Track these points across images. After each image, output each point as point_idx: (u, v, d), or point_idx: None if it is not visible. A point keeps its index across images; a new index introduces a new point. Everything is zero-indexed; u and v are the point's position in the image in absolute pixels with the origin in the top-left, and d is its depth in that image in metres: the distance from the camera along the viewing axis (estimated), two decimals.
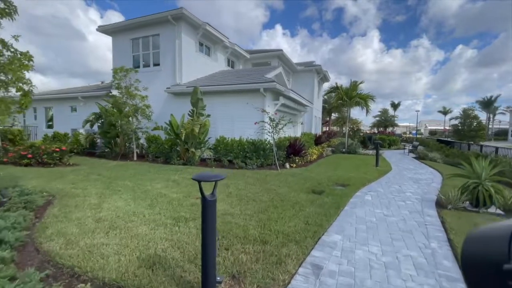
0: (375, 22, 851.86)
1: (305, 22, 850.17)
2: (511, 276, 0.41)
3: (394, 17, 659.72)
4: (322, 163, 11.30)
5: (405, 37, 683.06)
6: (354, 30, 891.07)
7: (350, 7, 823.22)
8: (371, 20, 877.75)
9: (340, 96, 15.97)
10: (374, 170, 9.75)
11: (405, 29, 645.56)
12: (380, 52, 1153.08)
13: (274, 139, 9.46)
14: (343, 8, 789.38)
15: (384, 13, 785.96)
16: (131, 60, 13.91)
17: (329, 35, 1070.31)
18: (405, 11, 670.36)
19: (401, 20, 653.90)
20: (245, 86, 10.48)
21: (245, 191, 6.10)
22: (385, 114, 54.51)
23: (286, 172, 8.61)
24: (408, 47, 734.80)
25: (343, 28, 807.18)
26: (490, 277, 0.46)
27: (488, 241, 0.49)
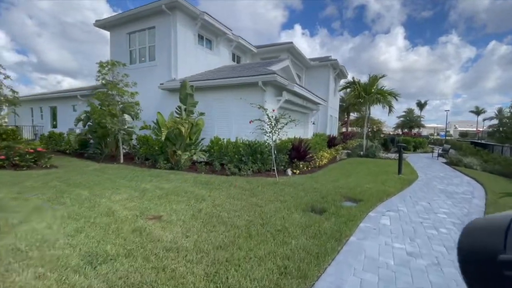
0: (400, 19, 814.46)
1: (325, 21, 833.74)
2: (506, 266, 0.41)
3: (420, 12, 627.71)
4: (333, 169, 9.67)
5: (432, 34, 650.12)
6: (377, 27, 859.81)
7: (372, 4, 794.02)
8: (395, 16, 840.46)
9: (357, 92, 14.13)
10: (396, 179, 8.00)
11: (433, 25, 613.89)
12: (405, 50, 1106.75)
13: (273, 141, 8.01)
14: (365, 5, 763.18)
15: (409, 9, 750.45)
16: (128, 55, 13.04)
17: (350, 34, 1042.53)
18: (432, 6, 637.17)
19: (427, 15, 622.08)
20: (241, 80, 9.11)
21: (221, 208, 4.73)
22: (410, 114, 51.00)
23: (285, 181, 7.13)
24: (436, 44, 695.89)
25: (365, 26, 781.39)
26: (486, 268, 0.46)
27: (485, 232, 0.49)
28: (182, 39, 11.51)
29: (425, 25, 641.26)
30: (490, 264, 0.44)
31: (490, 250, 0.45)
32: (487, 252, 0.46)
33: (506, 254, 0.42)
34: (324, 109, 19.60)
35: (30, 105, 19.68)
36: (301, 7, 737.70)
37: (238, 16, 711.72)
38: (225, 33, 13.38)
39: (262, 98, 9.13)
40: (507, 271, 0.42)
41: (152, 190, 5.83)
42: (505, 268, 0.42)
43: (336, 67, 20.11)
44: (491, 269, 0.45)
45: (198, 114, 9.44)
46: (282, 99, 9.53)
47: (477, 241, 0.50)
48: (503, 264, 0.42)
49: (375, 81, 13.93)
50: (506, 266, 0.42)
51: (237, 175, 7.82)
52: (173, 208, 4.62)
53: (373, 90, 13.87)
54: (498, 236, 0.44)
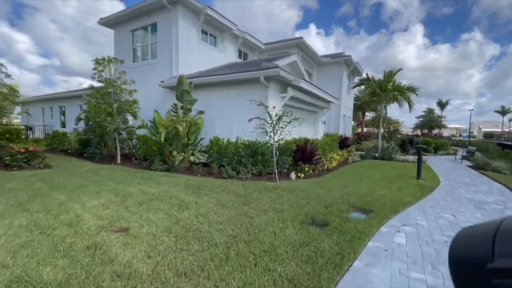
0: (419, 16, 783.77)
1: (340, 20, 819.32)
2: (495, 275, 0.41)
3: (440, 9, 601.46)
4: (343, 172, 8.81)
5: (453, 31, 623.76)
6: (395, 25, 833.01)
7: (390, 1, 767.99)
8: (413, 13, 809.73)
9: (372, 90, 13.09)
10: (414, 185, 7.06)
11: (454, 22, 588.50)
12: (424, 48, 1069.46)
13: (274, 141, 7.29)
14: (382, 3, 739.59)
15: (429, 5, 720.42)
16: (131, 53, 12.71)
17: (367, 32, 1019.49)
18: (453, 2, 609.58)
19: (448, 12, 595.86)
20: (242, 75, 8.45)
21: (203, 219, 4.08)
22: (430, 114, 48.60)
23: (286, 186, 6.40)
24: (457, 41, 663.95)
25: (382, 24, 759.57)
26: (476, 276, 0.46)
27: (474, 241, 0.49)
28: (184, 35, 11.01)
29: (445, 22, 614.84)
30: (480, 273, 0.44)
31: (479, 258, 0.45)
32: (476, 260, 0.45)
33: (494, 262, 0.41)
34: (336, 108, 18.63)
35: (41, 105, 19.97)
36: (316, 7, 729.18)
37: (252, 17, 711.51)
38: (230, 28, 12.78)
39: (265, 95, 8.43)
40: (496, 280, 0.41)
41: (135, 195, 5.27)
42: (494, 276, 0.41)
43: (350, 64, 19.06)
44: (480, 278, 0.44)
45: (197, 112, 8.87)
46: (287, 96, 8.78)
47: (466, 249, 0.49)
48: (492, 273, 0.42)
49: (391, 77, 12.85)
50: (494, 275, 0.41)
51: (235, 178, 7.16)
52: (149, 218, 4.01)
53: (389, 86, 12.79)
54: (486, 244, 0.44)
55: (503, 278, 0.41)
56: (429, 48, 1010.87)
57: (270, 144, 7.71)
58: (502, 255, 0.42)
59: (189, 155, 8.06)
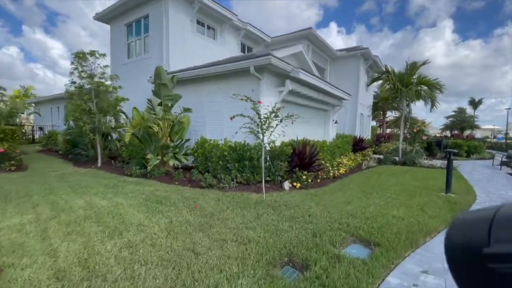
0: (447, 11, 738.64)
1: (362, 17, 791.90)
2: (491, 260, 0.41)
3: (471, 3, 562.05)
4: (351, 181, 7.31)
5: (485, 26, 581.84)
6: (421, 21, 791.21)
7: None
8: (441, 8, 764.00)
9: (391, 84, 11.32)
10: (442, 202, 5.47)
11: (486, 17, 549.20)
12: (453, 44, 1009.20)
13: (263, 143, 6.00)
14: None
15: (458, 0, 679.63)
16: (126, 49, 11.99)
17: (390, 29, 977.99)
18: None
19: (479, 6, 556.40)
20: (229, 66, 7.25)
21: (130, 252, 2.91)
22: (461, 113, 44.71)
23: (273, 200, 5.09)
24: (490, 37, 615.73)
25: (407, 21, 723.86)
26: (471, 262, 0.45)
27: (470, 227, 0.49)
28: (176, 26, 10.03)
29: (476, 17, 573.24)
30: (475, 258, 0.44)
31: (475, 244, 0.44)
32: (472, 246, 0.45)
33: (490, 247, 0.42)
34: (352, 107, 16.95)
35: (50, 105, 20.02)
36: (336, 5, 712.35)
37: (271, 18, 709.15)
38: (229, 19, 11.65)
39: (257, 88, 7.18)
40: (491, 264, 0.41)
41: (75, 210, 4.23)
42: (489, 261, 0.41)
43: (368, 58, 17.27)
44: (476, 263, 0.44)
45: (182, 110, 7.79)
46: (284, 90, 7.46)
47: (462, 235, 0.49)
48: (487, 257, 0.42)
49: (415, 69, 11.04)
50: (490, 259, 0.41)
51: (215, 187, 5.96)
52: (55, 250, 2.92)
53: (413, 80, 11.00)
54: (482, 230, 0.43)
55: (499, 262, 0.40)
56: (459, 44, 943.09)
57: (264, 147, 6.42)
58: (498, 241, 0.41)
59: (168, 159, 6.98)
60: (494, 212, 0.44)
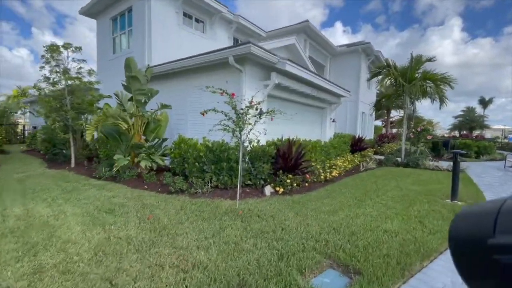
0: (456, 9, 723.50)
1: (368, 16, 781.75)
2: (496, 250, 0.40)
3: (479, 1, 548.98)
4: (343, 186, 6.53)
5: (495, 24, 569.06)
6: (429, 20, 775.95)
7: None
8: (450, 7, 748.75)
9: (392, 79, 10.45)
10: (446, 211, 4.66)
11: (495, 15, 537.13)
12: (462, 43, 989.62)
13: (241, 142, 5.28)
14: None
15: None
16: (111, 44, 11.42)
17: (397, 28, 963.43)
18: None
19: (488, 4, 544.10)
20: (206, 57, 6.57)
21: None
22: (471, 113, 43.26)
23: (247, 209, 4.37)
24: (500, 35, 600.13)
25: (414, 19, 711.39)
26: (476, 253, 0.45)
27: (475, 218, 0.48)
28: (158, 18, 9.39)
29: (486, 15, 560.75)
30: (480, 249, 0.43)
31: (480, 235, 0.43)
32: (476, 237, 0.44)
33: (496, 238, 0.40)
34: (353, 105, 16.12)
35: None
36: (342, 4, 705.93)
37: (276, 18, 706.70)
38: (219, 11, 10.96)
39: (239, 81, 6.47)
40: (496, 255, 0.40)
41: (5, 220, 3.59)
42: (494, 252, 0.40)
43: (370, 53, 16.42)
44: (481, 254, 0.43)
45: (160, 106, 7.12)
46: (270, 83, 6.72)
47: (467, 227, 0.48)
48: (492, 248, 0.41)
49: (420, 64, 10.17)
50: (495, 250, 0.40)
51: (187, 193, 5.27)
52: None
53: (417, 75, 10.13)
54: (487, 222, 0.42)
55: (503, 253, 0.39)
56: (468, 42, 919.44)
57: (244, 147, 5.71)
58: (503, 232, 0.40)
59: (140, 159, 6.31)
60: (500, 205, 0.43)
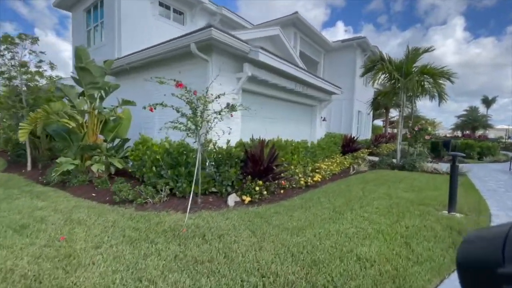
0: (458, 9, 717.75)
1: (369, 16, 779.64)
2: (505, 280, 0.39)
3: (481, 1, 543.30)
4: (325, 193, 5.68)
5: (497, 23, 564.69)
6: (431, 19, 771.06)
7: None
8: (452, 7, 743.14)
9: (387, 74, 9.56)
10: (440, 229, 3.81)
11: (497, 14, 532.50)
12: (465, 42, 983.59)
13: (199, 143, 4.48)
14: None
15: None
16: (85, 37, 10.67)
17: (399, 28, 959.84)
18: None
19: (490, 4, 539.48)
20: (166, 47, 5.83)
21: None
22: (473, 112, 42.24)
23: (195, 225, 3.56)
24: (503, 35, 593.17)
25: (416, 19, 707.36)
26: (484, 281, 0.43)
27: (483, 244, 0.46)
28: (129, 8, 8.63)
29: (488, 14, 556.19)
30: (489, 277, 0.41)
31: (488, 262, 0.42)
32: (485, 264, 0.43)
33: (505, 267, 0.39)
34: (348, 103, 15.29)
35: None
36: (343, 4, 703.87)
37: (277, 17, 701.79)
38: (200, 1, 10.19)
39: (205, 73, 5.66)
40: (506, 285, 0.38)
41: None
42: (504, 282, 0.39)
43: (366, 49, 15.57)
44: (489, 282, 0.41)
45: (121, 102, 6.33)
46: (243, 76, 5.91)
47: (475, 253, 0.47)
48: (502, 278, 0.39)
49: (417, 56, 9.32)
50: (505, 280, 0.39)
51: (135, 203, 4.46)
52: None
53: (414, 69, 9.28)
54: (496, 248, 0.41)
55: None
56: (470, 42, 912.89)
57: (204, 148, 4.91)
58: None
59: (93, 163, 5.51)
60: (507, 231, 0.41)
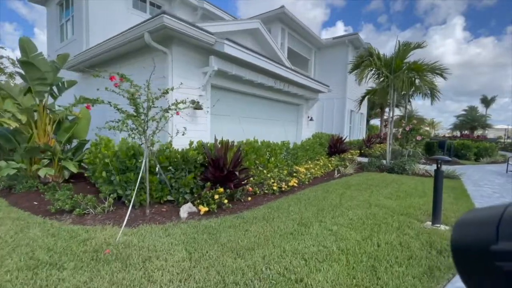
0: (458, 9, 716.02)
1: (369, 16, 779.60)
2: (498, 257, 0.40)
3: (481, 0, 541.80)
4: (297, 200, 5.10)
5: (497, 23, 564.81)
6: (431, 19, 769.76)
7: None
8: (452, 6, 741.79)
9: (375, 70, 8.98)
10: (418, 247, 3.24)
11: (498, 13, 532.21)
12: (465, 42, 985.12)
13: (146, 144, 3.93)
14: None
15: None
16: (59, 31, 10.12)
17: (399, 28, 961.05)
18: None
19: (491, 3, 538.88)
20: (119, 39, 5.28)
21: None
22: (472, 112, 41.68)
23: (125, 244, 2.99)
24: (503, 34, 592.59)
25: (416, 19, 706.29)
26: (479, 260, 0.44)
27: (478, 224, 0.47)
28: (101, 0, 8.05)
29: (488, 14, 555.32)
30: (483, 256, 0.43)
31: (482, 242, 0.43)
32: (479, 244, 0.44)
33: (498, 244, 0.40)
34: (340, 102, 14.73)
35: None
36: (343, 4, 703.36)
37: None
38: None
39: (164, 67, 5.08)
40: (499, 262, 0.40)
41: None
42: (497, 259, 0.40)
43: (359, 46, 15.01)
44: (483, 261, 0.43)
45: (77, 100, 5.76)
46: (209, 70, 5.33)
47: (469, 234, 0.48)
48: (495, 255, 0.41)
49: (408, 52, 8.75)
50: (498, 257, 0.40)
51: (73, 215, 3.89)
52: None
53: (403, 65, 8.71)
54: (490, 228, 0.42)
55: (506, 260, 0.40)
56: (470, 42, 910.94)
57: (152, 150, 4.34)
58: (506, 238, 0.40)
59: (41, 167, 4.95)
60: (503, 210, 0.43)
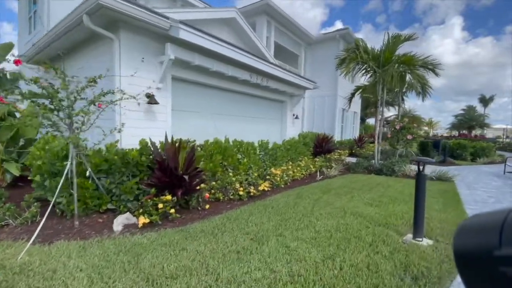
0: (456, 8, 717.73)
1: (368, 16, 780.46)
2: (502, 262, 0.40)
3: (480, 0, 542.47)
4: (259, 209, 4.47)
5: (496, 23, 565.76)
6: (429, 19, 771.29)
7: None
8: (451, 6, 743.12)
9: (362, 64, 8.36)
10: (387, 272, 2.64)
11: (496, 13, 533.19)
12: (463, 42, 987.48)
13: (71, 142, 3.33)
14: None
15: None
16: (27, 24, 9.53)
17: (398, 28, 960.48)
18: None
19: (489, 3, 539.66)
20: (60, 26, 4.64)
21: None
22: (471, 111, 41.14)
23: (18, 268, 2.37)
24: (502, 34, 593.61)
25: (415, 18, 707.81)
26: (482, 266, 0.44)
27: (480, 229, 0.46)
28: None
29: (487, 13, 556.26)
30: (486, 262, 0.42)
31: (486, 247, 0.42)
32: (482, 249, 0.43)
33: (502, 250, 0.39)
34: (331, 100, 14.11)
35: None
36: (342, 4, 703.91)
37: None
38: None
39: (111, 57, 4.46)
40: (503, 267, 0.39)
41: None
42: (501, 264, 0.40)
43: (350, 41, 14.34)
44: (486, 266, 0.43)
45: (25, 95, 5.13)
46: (165, 59, 4.71)
47: (471, 239, 0.47)
48: (498, 260, 0.40)
49: (397, 45, 8.13)
50: (501, 262, 0.40)
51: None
52: None
53: (393, 58, 8.11)
54: (493, 232, 0.42)
55: (510, 265, 0.39)
56: (469, 41, 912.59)
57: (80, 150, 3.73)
58: (509, 243, 0.39)
59: None
60: (506, 215, 0.42)
